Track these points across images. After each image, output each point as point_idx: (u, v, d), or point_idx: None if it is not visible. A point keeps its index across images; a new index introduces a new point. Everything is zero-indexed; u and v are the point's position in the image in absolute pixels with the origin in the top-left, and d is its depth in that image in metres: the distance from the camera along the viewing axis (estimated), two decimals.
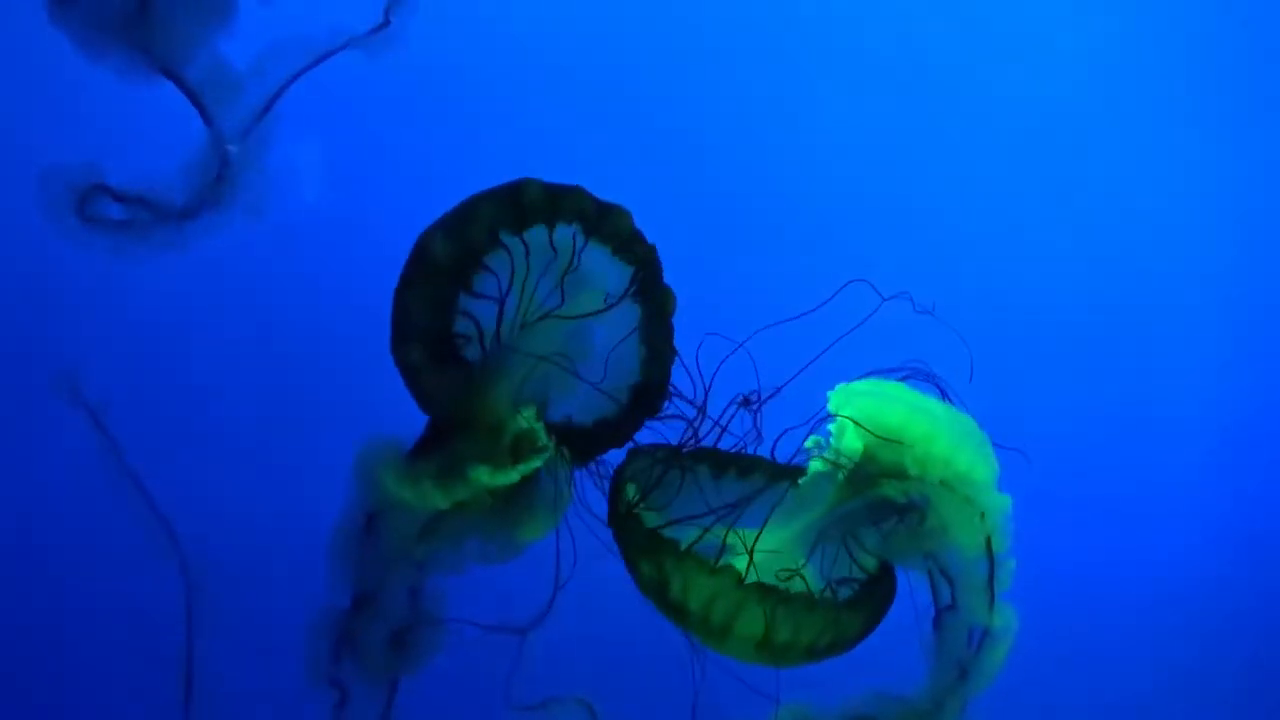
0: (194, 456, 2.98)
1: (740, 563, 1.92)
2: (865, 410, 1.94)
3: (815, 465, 1.99)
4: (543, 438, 1.97)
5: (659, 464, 2.05)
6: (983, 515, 1.91)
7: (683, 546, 1.90)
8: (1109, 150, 3.61)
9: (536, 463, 1.96)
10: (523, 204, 1.96)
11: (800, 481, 2.01)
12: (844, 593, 1.98)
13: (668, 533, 1.97)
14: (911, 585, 2.05)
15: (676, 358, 2.07)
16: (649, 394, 2.06)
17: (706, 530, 2.01)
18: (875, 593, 1.98)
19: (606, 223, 2.01)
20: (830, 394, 1.98)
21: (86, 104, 2.87)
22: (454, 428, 1.99)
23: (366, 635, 2.04)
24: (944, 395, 2.00)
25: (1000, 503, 1.93)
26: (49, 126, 2.94)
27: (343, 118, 3.00)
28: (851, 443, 1.95)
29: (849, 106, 3.47)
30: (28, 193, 1.86)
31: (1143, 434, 3.69)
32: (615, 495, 2.03)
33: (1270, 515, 3.74)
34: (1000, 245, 3.56)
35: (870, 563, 2.01)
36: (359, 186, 3.12)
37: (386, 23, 1.95)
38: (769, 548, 1.98)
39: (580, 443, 2.08)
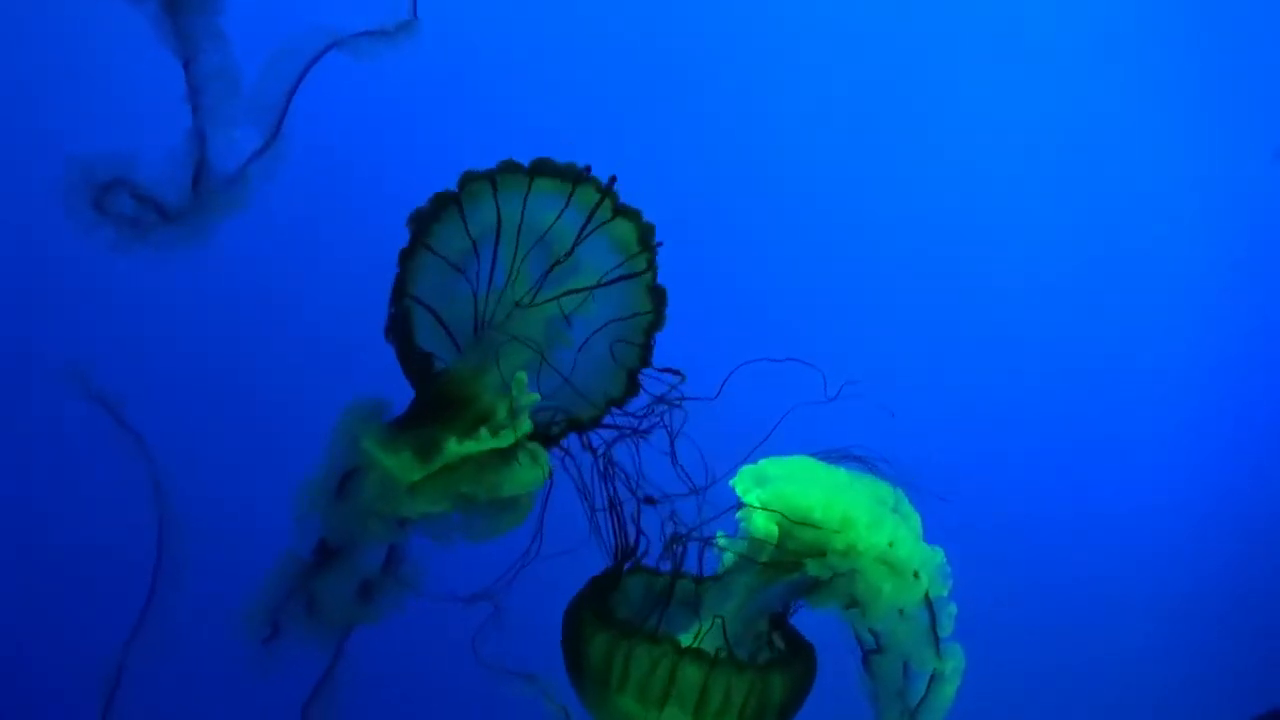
0: (189, 416, 2.99)
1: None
2: (776, 494, 1.90)
3: (730, 557, 1.96)
4: (523, 410, 1.92)
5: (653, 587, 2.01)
6: (916, 574, 1.89)
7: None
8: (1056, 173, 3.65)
9: (511, 437, 1.91)
10: (543, 167, 1.94)
11: (720, 574, 1.97)
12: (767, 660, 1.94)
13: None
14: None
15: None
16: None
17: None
18: (799, 656, 1.95)
19: (630, 212, 1.98)
20: (734, 481, 1.94)
21: (112, 99, 2.88)
22: (439, 406, 1.96)
23: (324, 587, 2.00)
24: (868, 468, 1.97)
25: (932, 557, 1.91)
26: (77, 119, 2.94)
27: (343, 113, 2.96)
28: (765, 526, 1.91)
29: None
30: (51, 178, 1.86)
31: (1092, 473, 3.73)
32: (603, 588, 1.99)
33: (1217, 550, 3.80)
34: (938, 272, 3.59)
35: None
36: (357, 182, 3.11)
37: (393, 27, 1.93)
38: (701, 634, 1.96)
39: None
